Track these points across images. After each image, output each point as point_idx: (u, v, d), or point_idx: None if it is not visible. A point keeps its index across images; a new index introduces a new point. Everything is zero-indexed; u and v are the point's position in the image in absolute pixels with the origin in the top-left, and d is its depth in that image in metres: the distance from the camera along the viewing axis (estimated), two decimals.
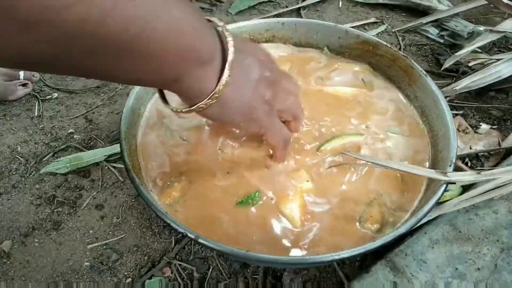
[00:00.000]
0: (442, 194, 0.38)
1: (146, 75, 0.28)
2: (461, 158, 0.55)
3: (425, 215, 0.37)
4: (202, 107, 0.33)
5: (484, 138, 0.59)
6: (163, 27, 0.25)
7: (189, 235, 0.35)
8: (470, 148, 0.56)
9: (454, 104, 0.66)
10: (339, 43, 0.58)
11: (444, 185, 0.38)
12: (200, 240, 0.35)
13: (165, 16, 0.25)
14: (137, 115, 0.48)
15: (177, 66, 0.28)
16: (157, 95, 0.47)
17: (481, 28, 0.74)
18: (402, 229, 0.35)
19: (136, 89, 0.48)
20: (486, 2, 0.77)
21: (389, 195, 0.42)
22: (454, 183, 0.39)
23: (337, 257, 0.33)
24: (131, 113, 0.46)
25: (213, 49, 0.31)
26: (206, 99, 0.32)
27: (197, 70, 0.30)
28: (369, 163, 0.37)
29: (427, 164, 0.46)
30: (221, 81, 0.31)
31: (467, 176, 0.39)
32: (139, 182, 0.39)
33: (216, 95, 0.32)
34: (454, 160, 0.41)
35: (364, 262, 0.47)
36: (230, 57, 0.31)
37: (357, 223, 0.40)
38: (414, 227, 0.36)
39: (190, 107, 0.33)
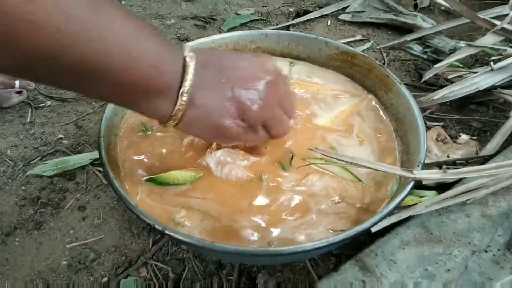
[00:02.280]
0: (409, 192, 0.39)
1: (105, 98, 0.33)
2: (438, 165, 0.56)
3: (390, 212, 0.37)
4: (168, 126, 0.35)
5: (463, 148, 0.60)
6: (120, 63, 0.28)
7: (157, 227, 0.36)
8: (448, 157, 0.57)
9: (435, 116, 0.67)
10: (319, 54, 0.60)
11: (411, 183, 0.39)
12: (167, 232, 0.35)
13: (124, 52, 0.28)
14: (120, 116, 0.50)
15: (130, 97, 0.32)
16: None
17: (463, 44, 0.76)
18: (366, 224, 0.36)
19: None
20: (469, 21, 0.79)
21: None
22: (421, 181, 0.40)
23: (300, 249, 0.34)
24: (113, 113, 0.48)
25: (169, 80, 0.32)
26: (168, 121, 0.34)
27: (151, 100, 0.33)
28: (338, 161, 0.38)
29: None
30: (176, 106, 0.33)
31: (434, 174, 0.40)
32: (113, 176, 0.40)
33: (174, 118, 0.34)
34: (422, 161, 0.42)
35: (338, 264, 0.47)
36: (187, 83, 0.32)
37: None
38: (378, 223, 0.36)
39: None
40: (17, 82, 0.71)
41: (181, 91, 0.32)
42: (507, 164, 0.43)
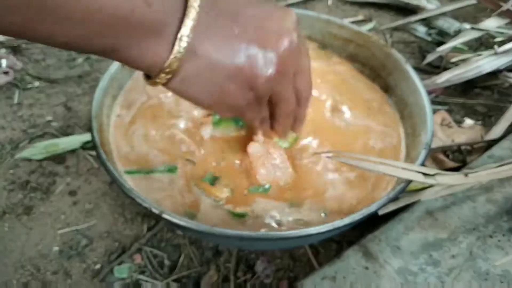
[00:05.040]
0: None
1: (72, 42, 0.24)
2: (443, 150, 0.55)
3: (397, 194, 0.36)
4: (158, 82, 0.28)
5: (467, 132, 0.58)
6: None
7: (153, 210, 0.34)
8: (453, 141, 0.56)
9: (439, 100, 0.66)
10: (321, 33, 0.58)
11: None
12: (164, 216, 0.34)
13: None
14: (112, 96, 0.47)
15: (107, 36, 0.24)
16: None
17: (468, 26, 0.74)
18: (372, 207, 0.34)
19: (112, 70, 0.47)
20: (474, 2, 0.77)
21: None
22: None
23: (303, 234, 0.32)
24: (104, 94, 0.45)
25: (163, 17, 0.26)
26: (159, 74, 0.27)
27: (137, 40, 0.25)
28: (356, 166, 0.36)
29: (403, 151, 0.45)
30: (172, 53, 0.26)
31: (455, 179, 0.38)
32: (105, 158, 0.38)
33: (169, 70, 0.27)
34: (430, 143, 0.41)
35: (340, 251, 0.46)
36: (188, 23, 0.25)
37: None
38: (384, 206, 0.35)
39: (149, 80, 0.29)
40: (3, 62, 0.68)
41: (179, 33, 0.26)
42: None
